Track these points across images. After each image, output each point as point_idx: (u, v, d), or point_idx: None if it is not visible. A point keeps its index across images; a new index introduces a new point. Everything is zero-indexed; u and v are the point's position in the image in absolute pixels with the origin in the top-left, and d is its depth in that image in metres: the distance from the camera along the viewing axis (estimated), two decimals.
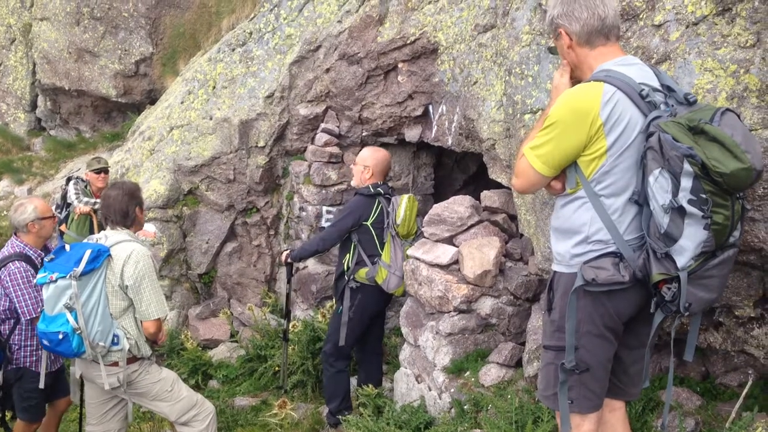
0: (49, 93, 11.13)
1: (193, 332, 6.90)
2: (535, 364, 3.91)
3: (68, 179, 6.73)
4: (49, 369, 4.28)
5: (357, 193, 4.97)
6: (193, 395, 3.97)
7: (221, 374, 6.12)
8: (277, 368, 5.82)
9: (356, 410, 4.90)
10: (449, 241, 4.57)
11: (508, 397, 3.79)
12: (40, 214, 4.34)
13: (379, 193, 4.87)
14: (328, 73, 6.25)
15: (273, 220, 7.09)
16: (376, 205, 4.85)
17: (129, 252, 3.56)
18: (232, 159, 6.84)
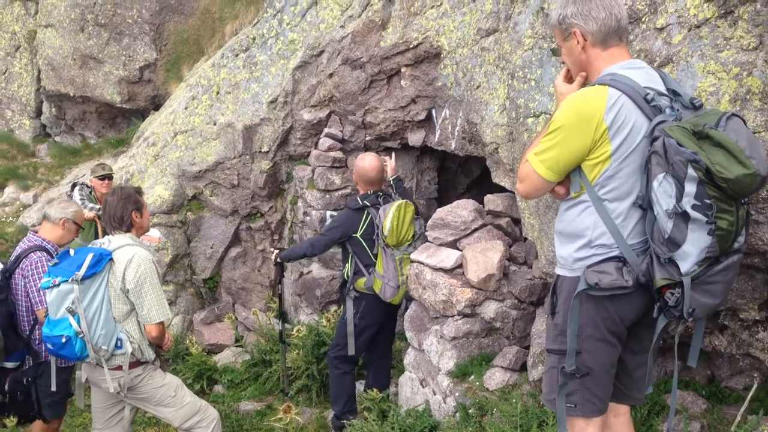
0: (54, 99, 11.18)
1: (198, 337, 6.92)
2: (540, 368, 3.90)
3: (73, 185, 6.78)
4: (64, 365, 4.31)
5: (346, 206, 4.99)
6: (196, 401, 3.97)
7: (226, 379, 6.13)
8: (280, 372, 5.83)
9: (361, 414, 4.90)
10: (453, 245, 4.57)
11: (513, 401, 3.78)
12: (76, 218, 4.57)
13: (367, 206, 4.84)
14: (332, 78, 6.26)
15: (277, 224, 7.10)
16: (364, 217, 4.83)
17: (131, 256, 3.58)
18: (236, 164, 6.86)
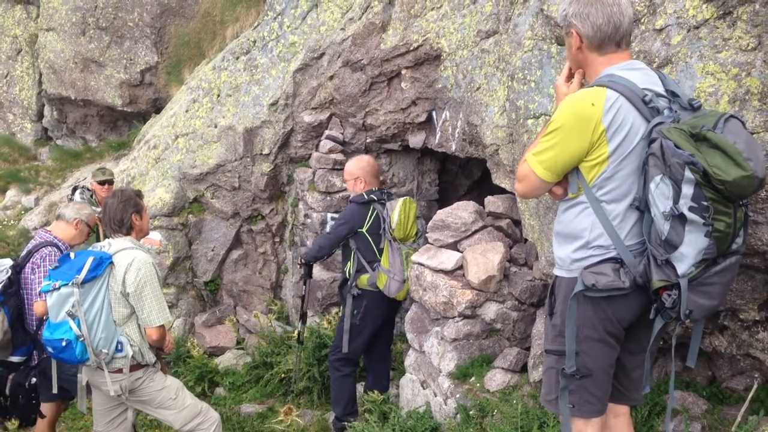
0: (56, 103, 11.21)
1: (200, 340, 6.93)
2: (540, 369, 3.90)
3: (74, 188, 6.80)
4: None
5: (351, 201, 4.98)
6: (197, 403, 3.98)
7: (227, 381, 6.14)
8: (283, 374, 5.83)
9: (362, 416, 4.90)
10: (453, 246, 4.58)
11: (514, 402, 3.78)
12: (89, 221, 4.73)
13: (373, 200, 4.87)
14: (332, 81, 6.27)
15: (278, 227, 7.11)
16: (370, 212, 4.85)
17: (131, 259, 3.58)
18: (237, 167, 6.87)
